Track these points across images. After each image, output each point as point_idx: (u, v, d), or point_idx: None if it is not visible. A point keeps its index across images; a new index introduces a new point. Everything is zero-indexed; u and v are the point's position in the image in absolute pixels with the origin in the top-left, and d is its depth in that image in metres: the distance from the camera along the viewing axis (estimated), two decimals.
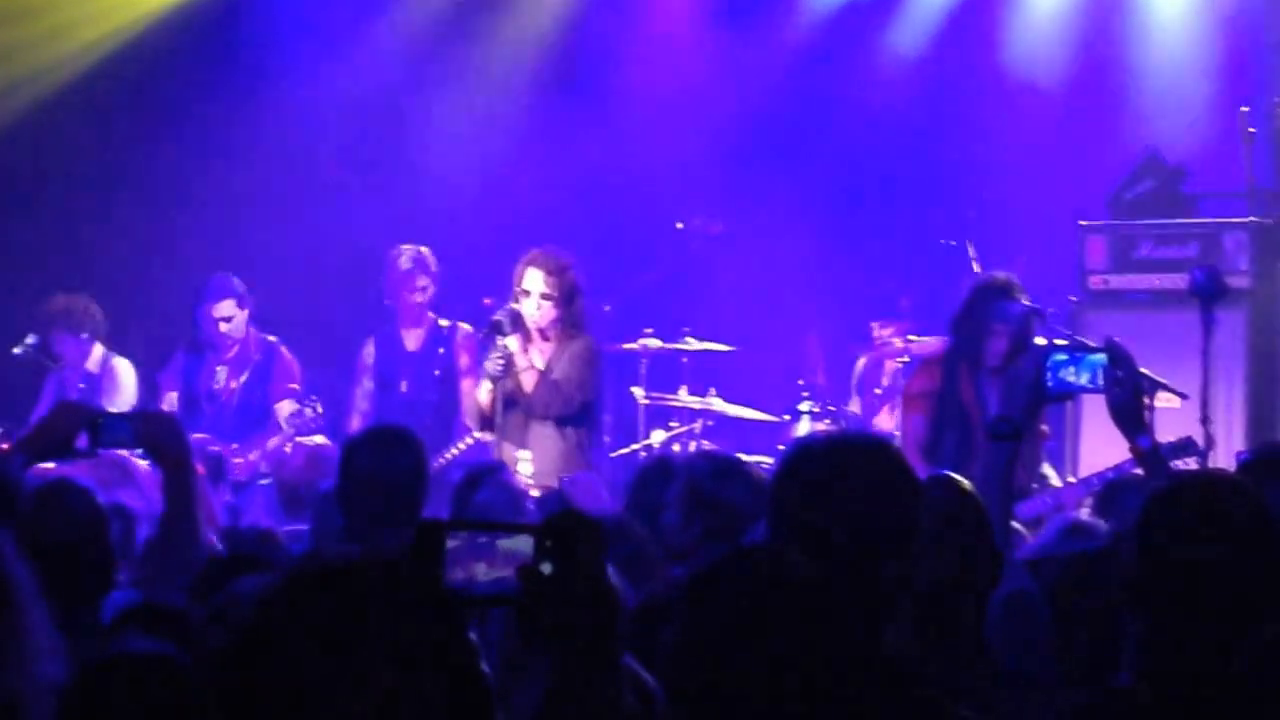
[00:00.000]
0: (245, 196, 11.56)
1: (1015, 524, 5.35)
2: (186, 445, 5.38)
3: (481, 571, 2.37)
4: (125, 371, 10.32)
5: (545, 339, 8.83)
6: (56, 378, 10.27)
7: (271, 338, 10.16)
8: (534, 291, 8.72)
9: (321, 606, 2.18)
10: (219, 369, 10.07)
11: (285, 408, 9.82)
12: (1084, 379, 4.95)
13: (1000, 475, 4.60)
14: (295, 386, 10.04)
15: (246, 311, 10.04)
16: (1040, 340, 8.33)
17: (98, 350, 10.35)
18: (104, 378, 10.29)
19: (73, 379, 10.25)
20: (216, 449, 9.48)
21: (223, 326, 9.98)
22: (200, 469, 7.09)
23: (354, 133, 11.83)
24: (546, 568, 2.34)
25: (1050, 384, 4.95)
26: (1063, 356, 5.00)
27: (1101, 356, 4.94)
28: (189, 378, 10.11)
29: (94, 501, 5.30)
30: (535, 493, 7.10)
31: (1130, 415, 4.90)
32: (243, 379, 10.05)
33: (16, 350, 10.22)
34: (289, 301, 10.92)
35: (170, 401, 9.96)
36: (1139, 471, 5.55)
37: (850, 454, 3.19)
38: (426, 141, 11.89)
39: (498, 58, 12.03)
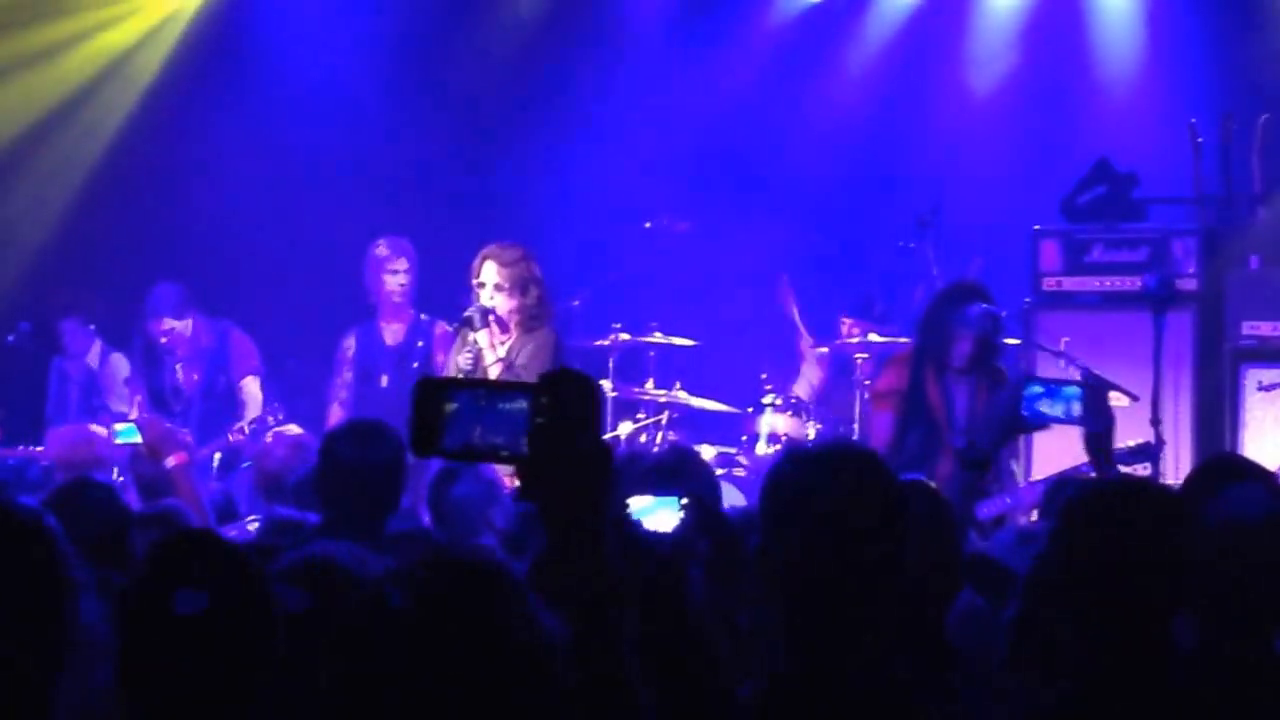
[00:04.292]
0: (228, 192, 11.67)
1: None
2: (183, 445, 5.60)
3: (477, 434, 2.46)
4: (122, 367, 10.50)
5: (506, 331, 9.00)
6: (59, 370, 10.43)
7: (225, 321, 10.32)
8: (488, 283, 8.89)
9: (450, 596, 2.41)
10: (177, 366, 10.22)
11: (250, 386, 10.04)
12: (1058, 410, 4.98)
13: (962, 497, 4.68)
14: (256, 363, 10.25)
15: (189, 321, 10.17)
16: (1011, 340, 8.58)
17: (96, 346, 10.53)
18: (102, 373, 10.46)
19: (75, 372, 10.41)
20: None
21: (164, 339, 10.12)
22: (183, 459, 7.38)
23: (334, 130, 11.93)
24: (541, 423, 2.40)
25: (1025, 414, 4.95)
26: (1038, 388, 5.02)
27: (1076, 389, 4.97)
28: (151, 378, 10.26)
29: (116, 496, 5.56)
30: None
31: (1101, 448, 5.00)
32: (202, 370, 10.19)
33: (10, 338, 10.36)
34: (271, 294, 11.14)
35: (139, 403, 10.14)
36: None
37: (836, 466, 3.14)
38: (402, 140, 11.99)
39: (472, 58, 12.18)
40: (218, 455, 9.72)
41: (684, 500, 3.93)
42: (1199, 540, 3.33)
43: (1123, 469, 7.52)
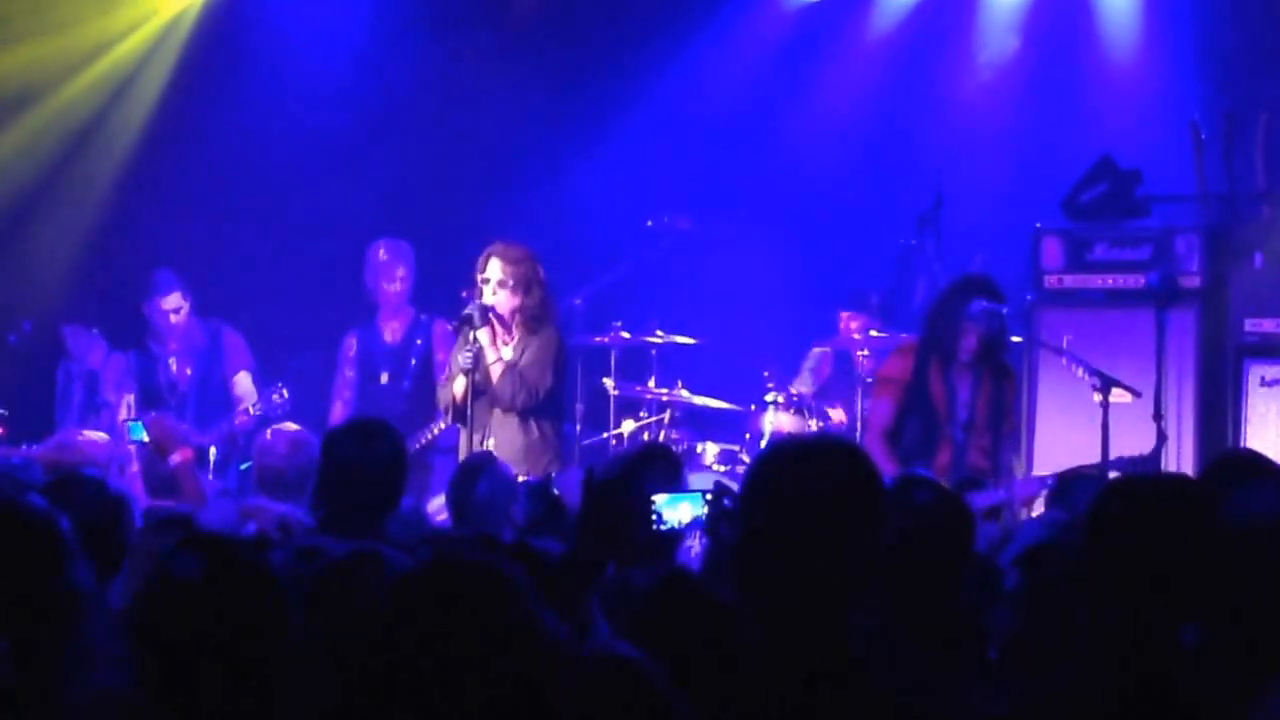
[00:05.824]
0: (227, 193, 11.70)
1: None
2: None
3: None
4: (127, 366, 10.58)
5: (510, 331, 9.04)
6: (64, 371, 10.50)
7: (215, 320, 10.42)
8: (493, 279, 8.99)
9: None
10: (171, 360, 10.32)
11: (244, 381, 10.09)
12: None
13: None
14: (248, 360, 10.35)
15: (189, 303, 10.31)
16: (1014, 338, 8.57)
17: (100, 347, 10.59)
18: (106, 371, 10.52)
19: (79, 372, 10.47)
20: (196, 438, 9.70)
21: (172, 318, 10.25)
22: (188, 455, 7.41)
23: (334, 131, 11.94)
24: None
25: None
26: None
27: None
28: (145, 375, 10.35)
29: (108, 490, 5.55)
30: (522, 478, 7.32)
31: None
32: (196, 365, 10.31)
33: (12, 338, 10.42)
34: (271, 294, 11.16)
35: (129, 402, 10.21)
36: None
37: (817, 459, 3.17)
38: (403, 140, 12.00)
39: (472, 58, 12.16)
40: (213, 449, 9.76)
41: (708, 494, 4.00)
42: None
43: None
